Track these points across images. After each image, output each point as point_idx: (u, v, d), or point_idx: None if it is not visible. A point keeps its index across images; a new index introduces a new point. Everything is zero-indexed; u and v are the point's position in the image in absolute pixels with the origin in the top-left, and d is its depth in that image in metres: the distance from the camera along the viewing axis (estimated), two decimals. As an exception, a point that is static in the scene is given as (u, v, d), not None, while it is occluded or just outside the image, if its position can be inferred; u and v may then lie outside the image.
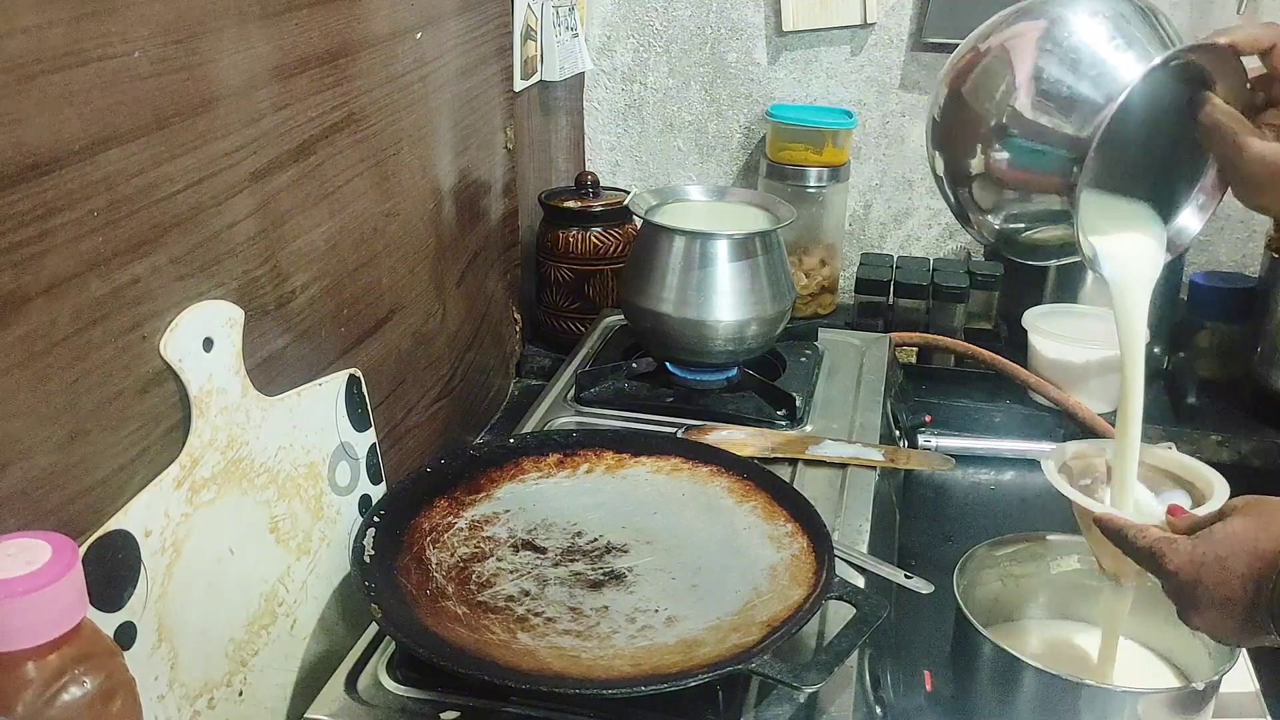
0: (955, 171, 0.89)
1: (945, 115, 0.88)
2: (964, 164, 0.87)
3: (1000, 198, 0.87)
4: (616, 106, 1.74)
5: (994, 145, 0.84)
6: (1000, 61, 0.84)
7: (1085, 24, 0.83)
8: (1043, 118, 0.82)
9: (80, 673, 0.51)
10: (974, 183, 0.87)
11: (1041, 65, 0.82)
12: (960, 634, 0.95)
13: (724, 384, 1.24)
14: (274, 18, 0.80)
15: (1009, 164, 0.84)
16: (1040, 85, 0.82)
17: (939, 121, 0.89)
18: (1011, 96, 0.83)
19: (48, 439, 0.62)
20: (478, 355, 1.29)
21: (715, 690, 0.75)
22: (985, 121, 0.84)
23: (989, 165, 0.85)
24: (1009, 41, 0.84)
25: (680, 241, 1.19)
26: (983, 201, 0.88)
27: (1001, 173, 0.85)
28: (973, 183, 0.87)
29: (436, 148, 1.12)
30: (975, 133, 0.85)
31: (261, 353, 0.82)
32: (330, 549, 0.89)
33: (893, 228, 1.73)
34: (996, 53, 0.85)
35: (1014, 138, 0.83)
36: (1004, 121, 0.83)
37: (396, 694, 0.78)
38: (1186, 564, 0.77)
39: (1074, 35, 0.82)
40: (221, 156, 0.75)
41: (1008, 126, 0.83)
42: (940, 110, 0.88)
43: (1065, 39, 0.82)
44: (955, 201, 0.91)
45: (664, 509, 0.94)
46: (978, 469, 1.30)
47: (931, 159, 0.91)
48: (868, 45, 1.64)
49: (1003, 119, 0.83)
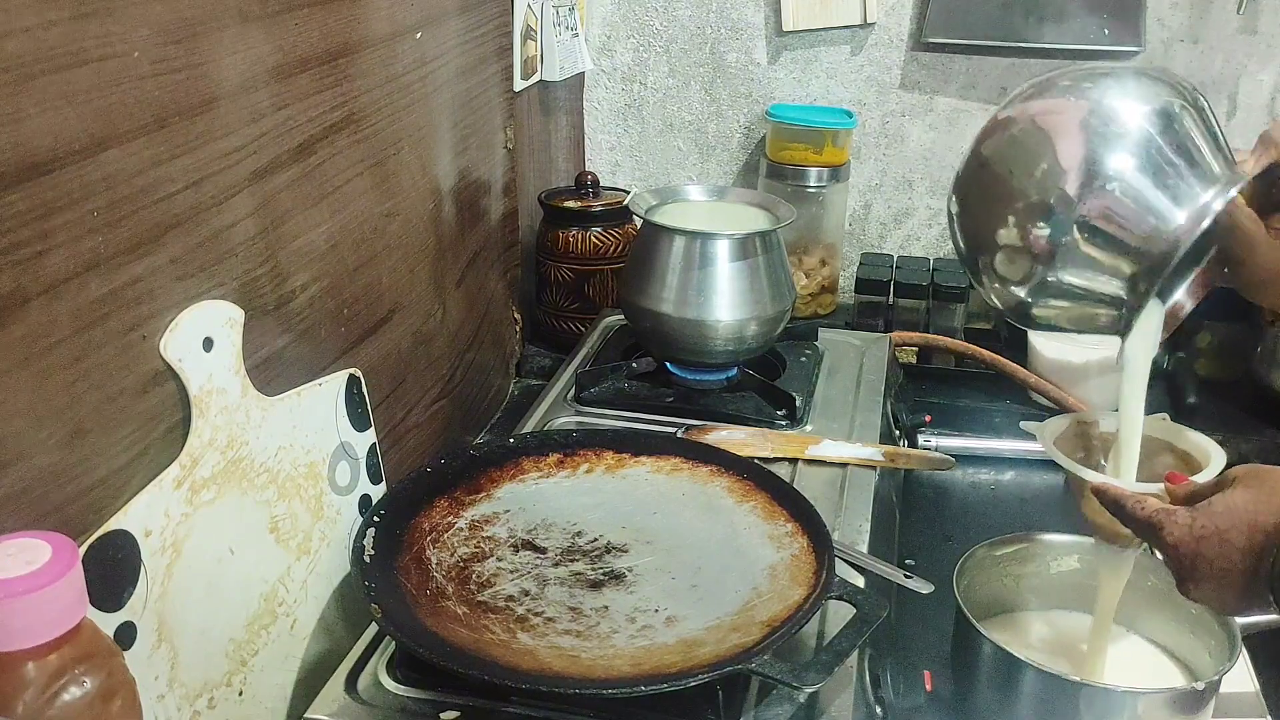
0: (980, 236, 0.87)
1: (979, 175, 0.87)
2: (992, 232, 0.85)
3: (1028, 272, 0.84)
4: (616, 106, 1.74)
5: (1037, 226, 0.82)
6: (1042, 139, 0.82)
7: (1137, 119, 0.81)
8: (1103, 217, 0.80)
9: (80, 673, 0.51)
10: (1000, 252, 0.85)
11: (1102, 159, 0.80)
12: (960, 634, 0.95)
13: (724, 384, 1.24)
14: (274, 18, 0.80)
15: (1052, 249, 0.82)
16: (1100, 182, 0.80)
17: (971, 178, 0.88)
18: (1060, 180, 0.80)
19: (48, 439, 0.62)
20: (478, 355, 1.29)
21: (715, 690, 0.75)
22: (1033, 198, 0.82)
23: (1029, 242, 0.82)
24: (1053, 119, 0.82)
25: (680, 241, 1.19)
26: (1007, 272, 0.86)
27: (1040, 252, 0.82)
28: (998, 252, 0.85)
29: (436, 148, 1.12)
30: (1013, 205, 0.83)
31: (261, 353, 0.82)
32: (330, 549, 0.89)
33: (893, 228, 1.73)
34: (1040, 126, 0.83)
35: (1066, 227, 0.81)
36: (1058, 211, 0.81)
37: (396, 694, 0.78)
38: (1185, 536, 0.77)
39: (1132, 131, 0.80)
40: (221, 156, 0.75)
41: (1059, 216, 0.80)
42: (976, 168, 0.87)
43: (1124, 134, 0.80)
44: (974, 265, 0.89)
45: (664, 509, 0.94)
46: (978, 469, 1.30)
47: (959, 214, 0.91)
48: (868, 45, 1.64)
49: (1052, 202, 0.81)
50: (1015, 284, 0.85)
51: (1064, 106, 0.83)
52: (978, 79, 1.62)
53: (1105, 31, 1.54)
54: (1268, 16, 1.52)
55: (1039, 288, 0.84)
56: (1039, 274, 0.83)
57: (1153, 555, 1.00)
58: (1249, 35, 1.53)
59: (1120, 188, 0.79)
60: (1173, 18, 1.54)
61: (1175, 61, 1.55)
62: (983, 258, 0.87)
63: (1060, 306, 0.86)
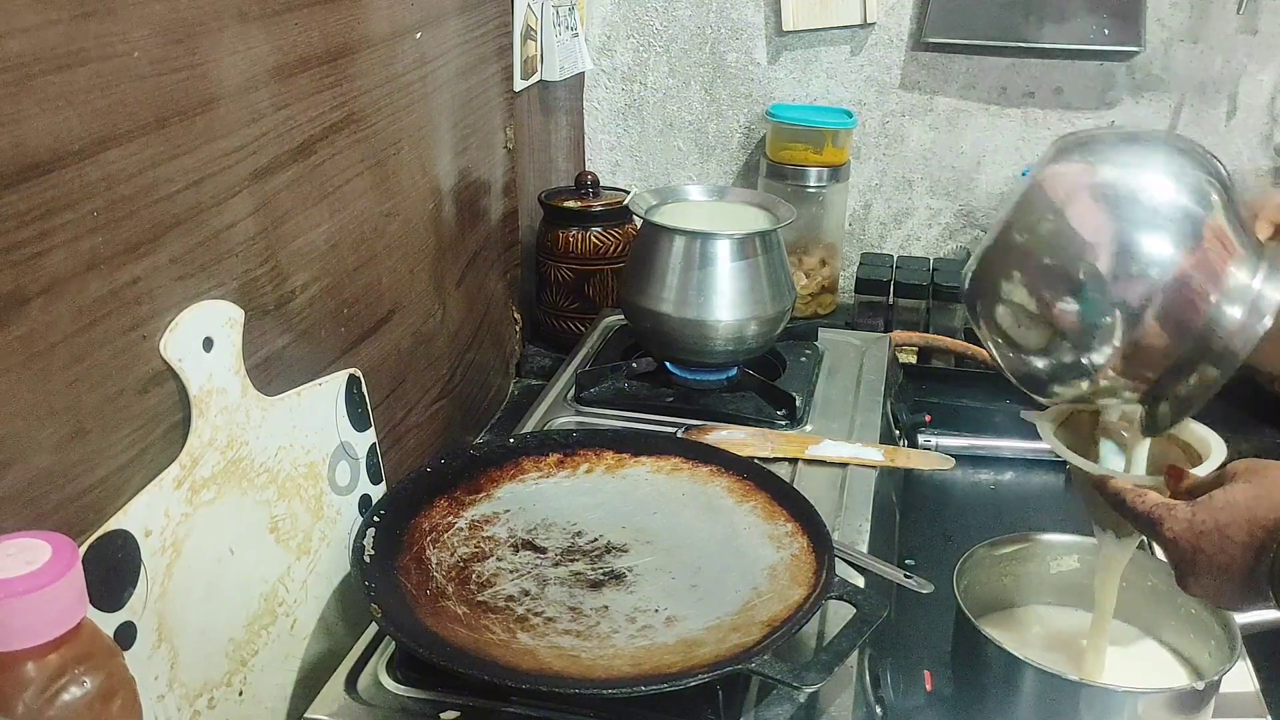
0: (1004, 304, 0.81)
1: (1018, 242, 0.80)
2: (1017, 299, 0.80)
3: (1047, 343, 0.80)
4: (616, 106, 1.74)
5: (1067, 301, 0.77)
6: (1068, 217, 0.77)
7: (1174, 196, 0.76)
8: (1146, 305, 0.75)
9: (80, 673, 0.51)
10: (1023, 319, 0.80)
11: (1141, 240, 0.75)
12: (960, 634, 0.95)
13: (724, 384, 1.24)
14: (274, 18, 0.80)
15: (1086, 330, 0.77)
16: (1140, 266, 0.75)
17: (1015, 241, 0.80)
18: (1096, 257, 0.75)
19: (48, 439, 0.62)
20: (478, 355, 1.29)
21: (715, 690, 0.75)
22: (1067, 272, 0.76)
23: (1053, 316, 0.78)
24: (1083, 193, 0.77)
25: (680, 241, 1.19)
26: (1021, 339, 0.81)
27: (1070, 330, 0.78)
28: (1021, 320, 0.80)
29: (436, 148, 1.12)
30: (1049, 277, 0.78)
31: (261, 352, 0.82)
32: (330, 549, 0.89)
33: (893, 227, 1.73)
34: (1066, 200, 0.77)
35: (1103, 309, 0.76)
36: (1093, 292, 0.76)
37: (396, 694, 0.78)
38: (1185, 531, 0.76)
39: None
40: (221, 156, 0.75)
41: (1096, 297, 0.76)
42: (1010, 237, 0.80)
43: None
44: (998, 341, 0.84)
45: (664, 509, 0.94)
46: (978, 469, 1.30)
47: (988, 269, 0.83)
48: (868, 45, 1.64)
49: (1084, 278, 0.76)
50: (1032, 354, 0.81)
51: (1090, 178, 0.78)
52: (978, 79, 1.62)
53: (1105, 31, 1.54)
54: (1268, 16, 1.52)
55: (1059, 368, 0.80)
56: (1064, 353, 0.79)
57: (1151, 551, 1.00)
58: (1249, 35, 1.53)
59: (1160, 272, 0.75)
60: (1173, 18, 1.54)
61: (1175, 61, 1.55)
62: (1006, 323, 0.81)
63: (1076, 388, 0.82)
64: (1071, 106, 1.60)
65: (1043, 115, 1.62)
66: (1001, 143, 1.64)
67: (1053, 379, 0.81)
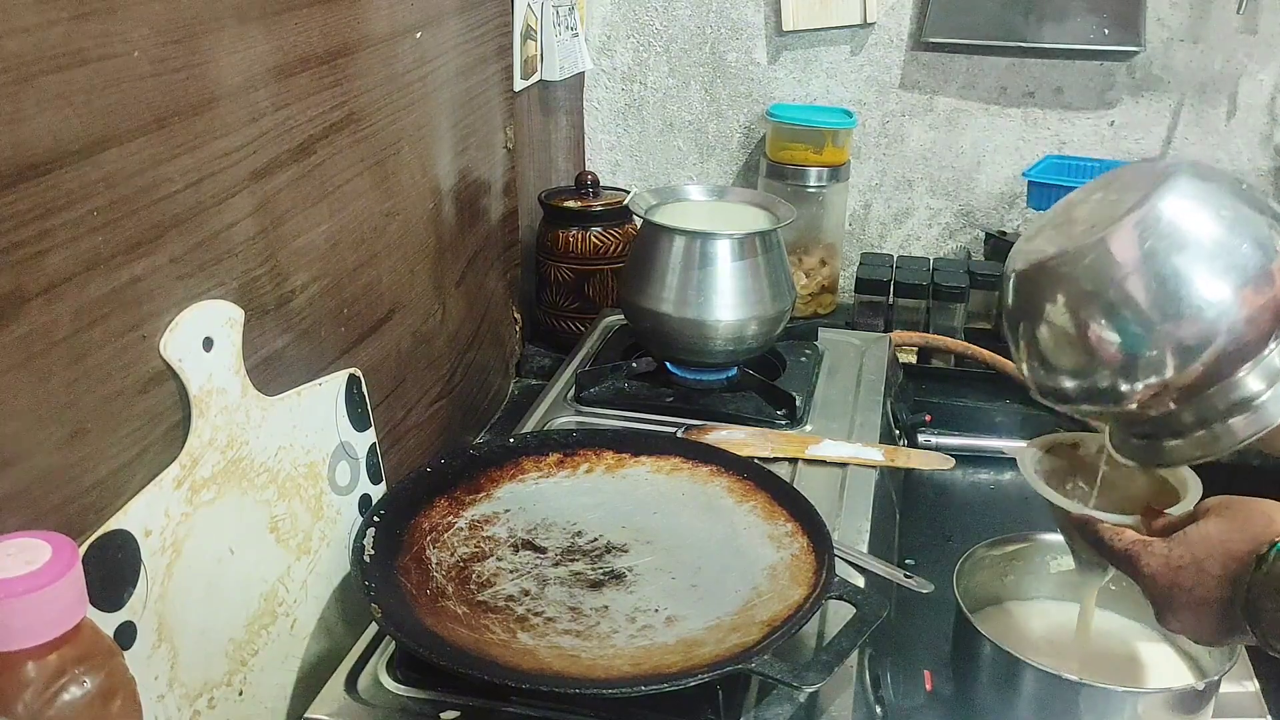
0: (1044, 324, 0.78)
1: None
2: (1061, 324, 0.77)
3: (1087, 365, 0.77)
4: (616, 106, 1.74)
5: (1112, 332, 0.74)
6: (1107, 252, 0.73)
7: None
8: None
9: (80, 673, 0.51)
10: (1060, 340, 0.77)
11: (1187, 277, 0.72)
12: (960, 634, 0.95)
13: (724, 384, 1.24)
14: (274, 17, 0.80)
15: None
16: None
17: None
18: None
19: (48, 439, 0.62)
20: (478, 355, 1.29)
21: (715, 690, 0.75)
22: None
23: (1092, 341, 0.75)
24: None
25: (680, 241, 1.19)
26: (1057, 360, 0.78)
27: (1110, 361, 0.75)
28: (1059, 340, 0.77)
29: (436, 147, 1.12)
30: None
31: (261, 352, 0.82)
32: (330, 549, 0.89)
33: (893, 227, 1.73)
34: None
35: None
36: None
37: (396, 694, 0.78)
38: (1162, 567, 0.78)
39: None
40: (221, 156, 0.75)
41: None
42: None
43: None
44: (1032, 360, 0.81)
45: (664, 509, 0.94)
46: (978, 469, 1.30)
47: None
48: (868, 45, 1.64)
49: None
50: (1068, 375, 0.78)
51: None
52: (978, 79, 1.62)
53: (1105, 31, 1.54)
54: (1268, 16, 1.52)
55: (1091, 392, 0.77)
56: (1100, 379, 0.76)
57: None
58: (1249, 35, 1.53)
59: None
60: (1173, 18, 1.54)
61: (1175, 61, 1.55)
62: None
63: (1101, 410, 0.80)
64: (1071, 106, 1.60)
65: (1043, 115, 1.62)
66: (1001, 143, 1.64)
67: (1080, 399, 0.79)
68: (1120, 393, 0.75)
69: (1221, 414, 0.75)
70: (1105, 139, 1.61)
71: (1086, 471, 0.93)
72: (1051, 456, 0.93)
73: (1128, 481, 0.92)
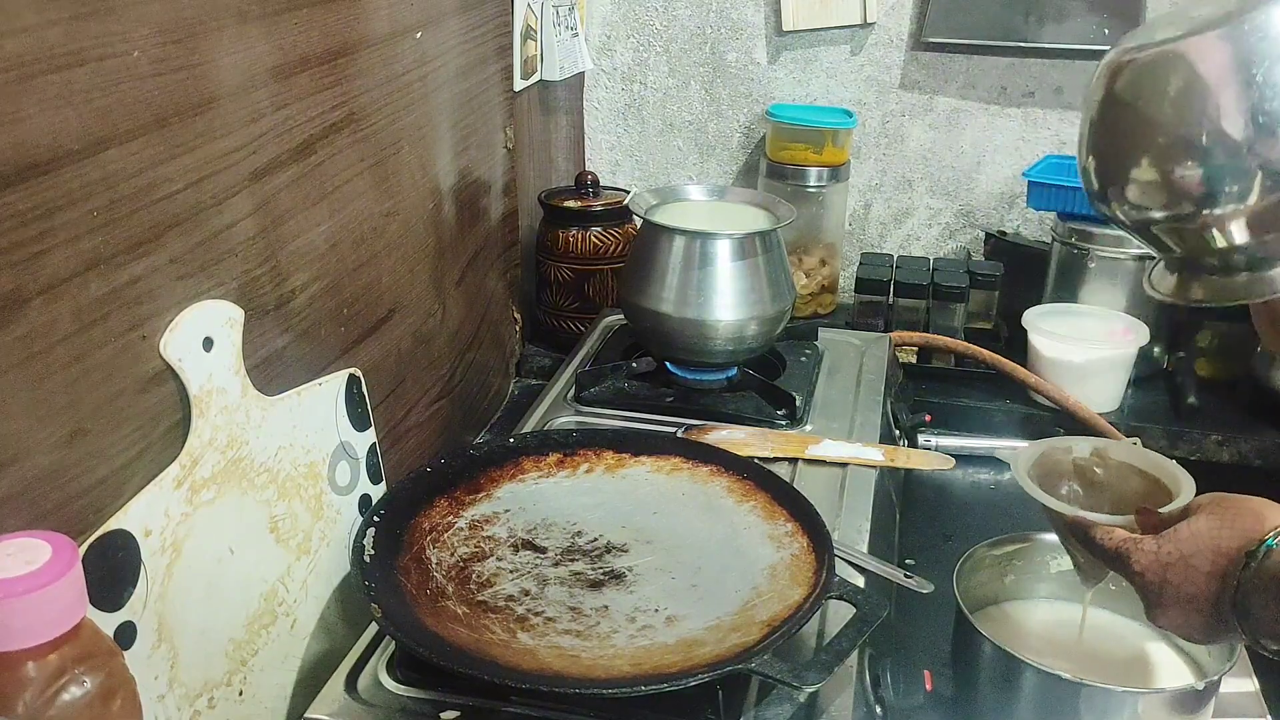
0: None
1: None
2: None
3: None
4: (616, 106, 1.74)
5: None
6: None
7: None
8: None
9: (80, 672, 0.51)
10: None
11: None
12: (960, 634, 0.95)
13: (724, 384, 1.24)
14: (273, 17, 0.80)
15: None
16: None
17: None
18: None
19: (48, 439, 0.62)
20: (478, 355, 1.29)
21: (715, 690, 0.75)
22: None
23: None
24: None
25: (680, 241, 1.19)
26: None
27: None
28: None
29: (436, 147, 1.12)
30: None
31: (261, 352, 0.82)
32: (330, 549, 0.89)
33: (893, 227, 1.73)
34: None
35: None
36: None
37: (396, 694, 0.78)
38: (1152, 564, 0.78)
39: None
40: (221, 156, 0.75)
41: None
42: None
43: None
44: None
45: (664, 509, 0.94)
46: (978, 469, 1.30)
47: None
48: (868, 45, 1.64)
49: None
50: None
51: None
52: (978, 79, 1.62)
53: (1105, 31, 1.54)
54: (1268, 16, 1.51)
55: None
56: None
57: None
58: (1249, 35, 1.53)
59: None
60: (1173, 17, 1.54)
61: (1175, 61, 1.55)
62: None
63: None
64: (1071, 106, 1.60)
65: (1043, 115, 1.62)
66: (1001, 143, 1.64)
67: (1146, 208, 0.73)
68: (1194, 215, 0.71)
69: (1273, 260, 0.71)
70: (1105, 139, 1.61)
71: (1080, 475, 0.94)
72: (1045, 461, 0.93)
73: (1121, 484, 0.92)
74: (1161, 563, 0.77)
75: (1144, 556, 0.78)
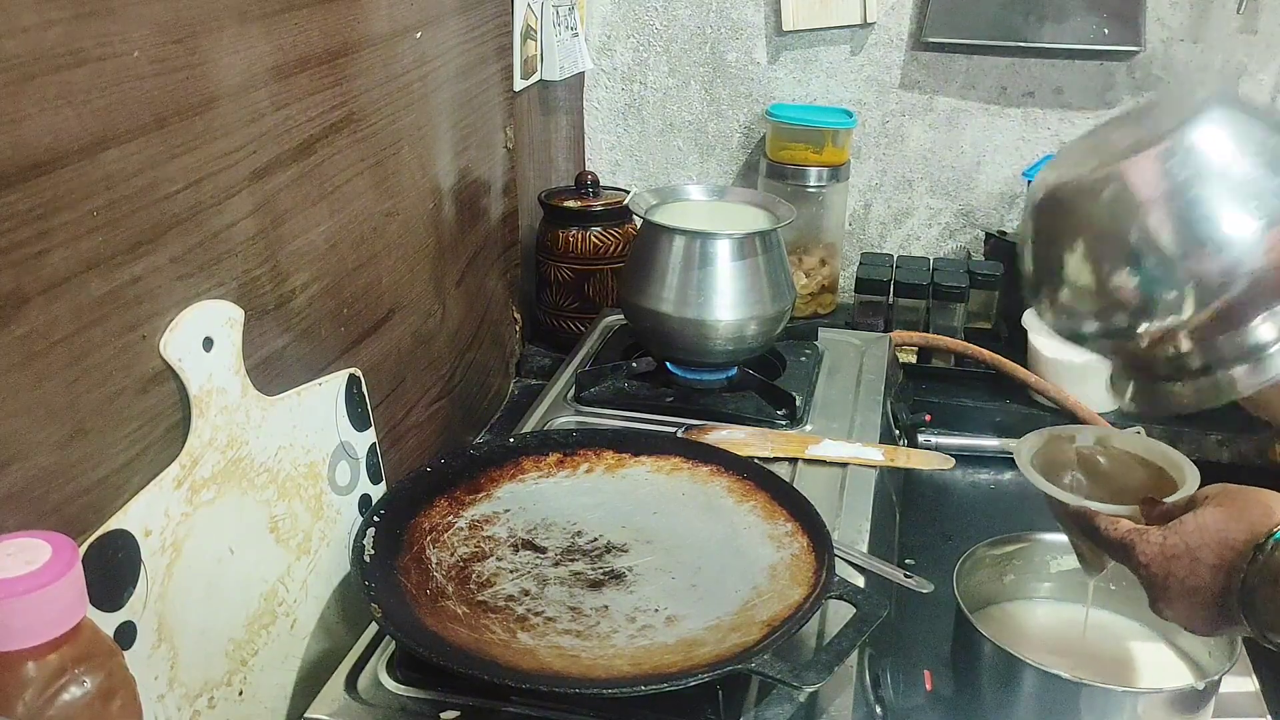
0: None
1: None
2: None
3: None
4: (616, 106, 1.74)
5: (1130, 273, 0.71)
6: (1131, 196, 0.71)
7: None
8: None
9: (80, 672, 0.51)
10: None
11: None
12: (960, 634, 0.95)
13: (724, 384, 1.24)
14: (273, 17, 0.80)
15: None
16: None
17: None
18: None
19: (47, 438, 0.62)
20: (478, 355, 1.29)
21: (715, 690, 0.75)
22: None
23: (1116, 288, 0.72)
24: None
25: (680, 241, 1.19)
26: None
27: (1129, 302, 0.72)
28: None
29: (436, 147, 1.12)
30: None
31: (261, 352, 0.82)
32: (330, 549, 0.89)
33: (893, 227, 1.73)
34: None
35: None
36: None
37: (396, 694, 0.78)
38: (1157, 555, 0.77)
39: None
40: (221, 156, 0.75)
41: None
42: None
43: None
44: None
45: (664, 509, 0.94)
46: (978, 469, 1.30)
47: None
48: (868, 45, 1.64)
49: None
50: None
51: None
52: (978, 79, 1.62)
53: (1105, 31, 1.54)
54: (1268, 16, 1.51)
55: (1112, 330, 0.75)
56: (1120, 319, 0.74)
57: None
58: (1249, 35, 1.53)
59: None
60: (1173, 17, 1.54)
61: (1175, 61, 1.55)
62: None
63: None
64: (1071, 106, 1.60)
65: (1043, 115, 1.62)
66: (1001, 143, 1.64)
67: (1093, 333, 0.76)
68: (1132, 328, 0.73)
69: (1228, 361, 0.73)
70: (1105, 139, 1.61)
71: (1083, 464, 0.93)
72: (1048, 450, 0.93)
73: (1125, 473, 0.92)
74: (1167, 555, 0.77)
75: (1149, 548, 0.78)
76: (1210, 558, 0.74)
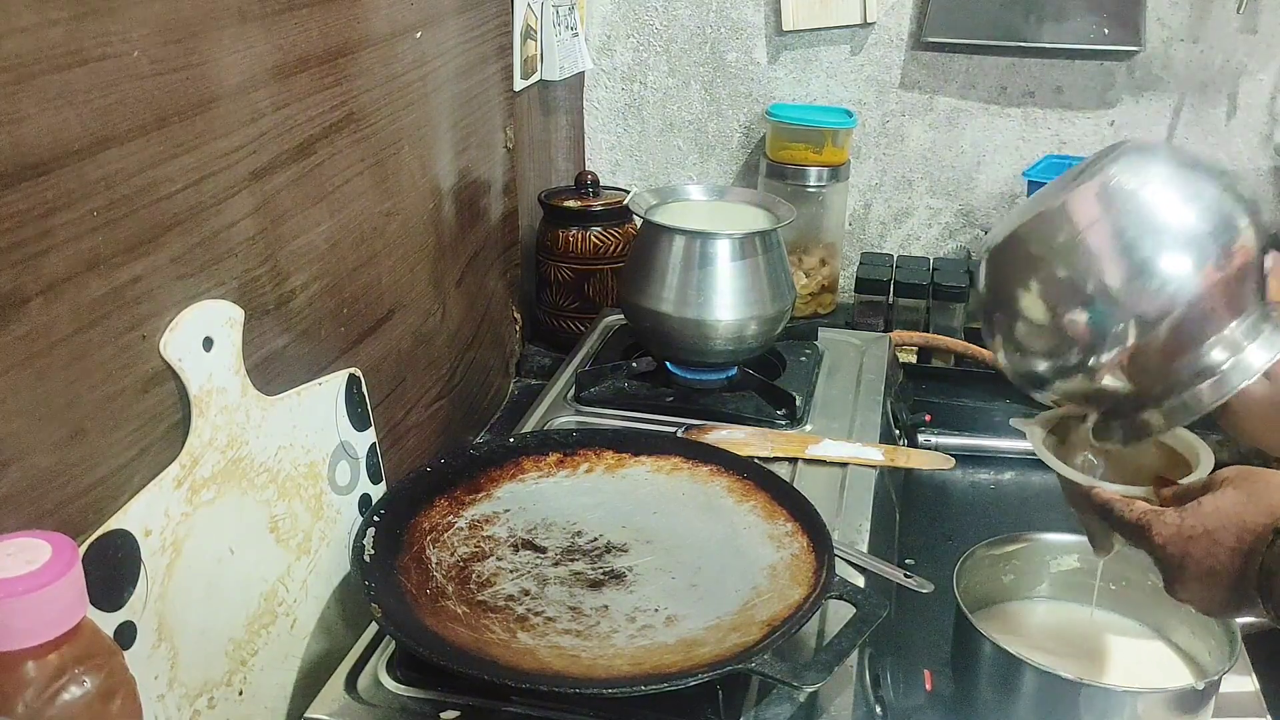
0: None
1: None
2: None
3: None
4: (616, 106, 1.74)
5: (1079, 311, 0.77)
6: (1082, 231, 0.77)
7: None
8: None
9: (80, 672, 0.51)
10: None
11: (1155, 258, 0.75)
12: (960, 634, 0.95)
13: (724, 383, 1.24)
14: (274, 17, 0.80)
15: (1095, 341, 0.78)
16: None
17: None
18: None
19: (47, 439, 0.62)
20: (478, 355, 1.29)
21: (715, 690, 0.75)
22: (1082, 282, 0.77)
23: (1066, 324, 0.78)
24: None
25: (680, 241, 1.19)
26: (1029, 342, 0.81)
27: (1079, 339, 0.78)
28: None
29: (436, 147, 1.12)
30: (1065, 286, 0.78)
31: (261, 352, 0.82)
32: (330, 548, 0.89)
33: (893, 227, 1.73)
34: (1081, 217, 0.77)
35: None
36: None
37: (396, 693, 0.78)
38: (1174, 537, 0.77)
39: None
40: (221, 156, 0.75)
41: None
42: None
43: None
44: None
45: (664, 508, 0.94)
46: (978, 469, 1.30)
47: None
48: (868, 45, 1.64)
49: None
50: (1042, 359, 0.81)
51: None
52: (978, 79, 1.62)
53: (1105, 31, 1.54)
54: (1268, 16, 1.51)
55: (1061, 370, 0.80)
56: (1070, 357, 0.79)
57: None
58: (1249, 35, 1.53)
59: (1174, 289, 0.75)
60: (1173, 17, 1.54)
61: (1175, 61, 1.55)
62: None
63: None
64: (1071, 106, 1.60)
65: (1043, 115, 1.62)
66: (1001, 142, 1.64)
67: (1050, 377, 0.82)
68: (1085, 364, 0.78)
69: (1187, 383, 0.78)
70: (1105, 138, 1.61)
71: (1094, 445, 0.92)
72: (1060, 430, 0.92)
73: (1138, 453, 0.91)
74: (1184, 536, 0.76)
75: (1166, 529, 0.77)
76: (1229, 540, 0.74)
